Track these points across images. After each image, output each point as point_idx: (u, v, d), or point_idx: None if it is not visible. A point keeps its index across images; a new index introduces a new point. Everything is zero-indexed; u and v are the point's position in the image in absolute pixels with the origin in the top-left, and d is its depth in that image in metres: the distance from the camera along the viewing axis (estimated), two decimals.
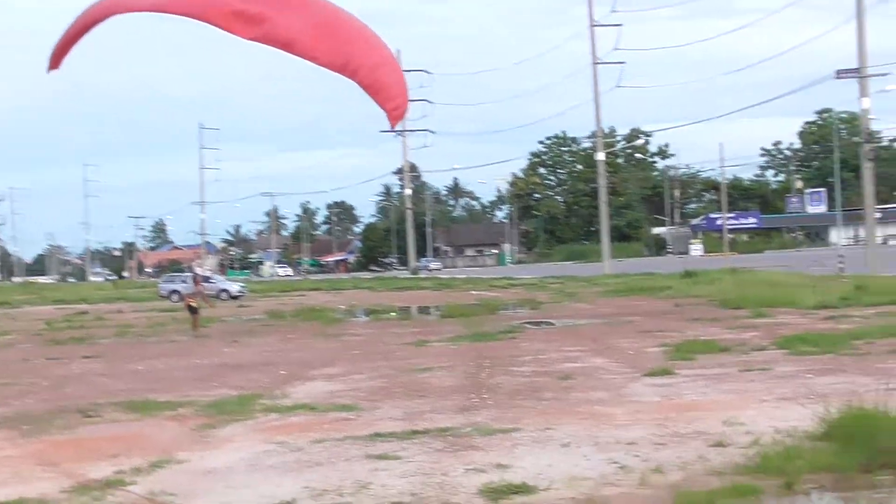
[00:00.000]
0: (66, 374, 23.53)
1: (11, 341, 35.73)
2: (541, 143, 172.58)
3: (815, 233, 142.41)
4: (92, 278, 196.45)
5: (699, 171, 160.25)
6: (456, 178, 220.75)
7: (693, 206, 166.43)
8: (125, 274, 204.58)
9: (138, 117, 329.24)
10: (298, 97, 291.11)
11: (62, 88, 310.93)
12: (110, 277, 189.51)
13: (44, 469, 12.49)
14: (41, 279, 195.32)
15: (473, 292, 59.13)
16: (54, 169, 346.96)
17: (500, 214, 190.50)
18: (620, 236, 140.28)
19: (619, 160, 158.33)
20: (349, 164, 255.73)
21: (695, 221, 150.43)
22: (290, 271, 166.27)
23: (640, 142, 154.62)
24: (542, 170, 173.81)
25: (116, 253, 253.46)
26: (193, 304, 36.10)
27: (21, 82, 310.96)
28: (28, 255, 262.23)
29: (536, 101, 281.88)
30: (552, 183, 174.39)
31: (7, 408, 17.88)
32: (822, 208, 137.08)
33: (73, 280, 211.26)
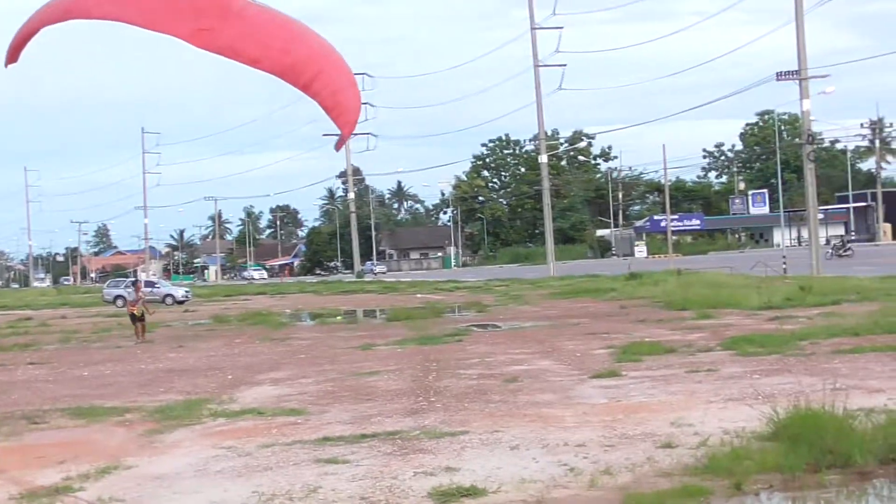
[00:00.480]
0: (11, 381, 23.29)
1: None
2: (483, 145, 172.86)
3: (759, 234, 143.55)
4: (35, 284, 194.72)
5: (642, 173, 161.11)
6: (399, 182, 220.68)
7: (637, 208, 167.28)
8: (67, 280, 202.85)
9: (79, 121, 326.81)
10: (240, 99, 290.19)
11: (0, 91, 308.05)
12: (65, 282, 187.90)
13: None
14: None
15: (419, 295, 59.13)
16: None
17: (445, 218, 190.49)
18: (565, 238, 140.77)
19: (563, 163, 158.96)
20: (292, 167, 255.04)
21: (638, 223, 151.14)
22: (265, 275, 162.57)
23: (582, 144, 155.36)
24: (485, 172, 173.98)
25: (60, 258, 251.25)
26: (136, 312, 35.02)
27: None
28: None
29: (478, 104, 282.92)
30: (496, 186, 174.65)
31: None
32: (764, 209, 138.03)
33: (16, 286, 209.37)
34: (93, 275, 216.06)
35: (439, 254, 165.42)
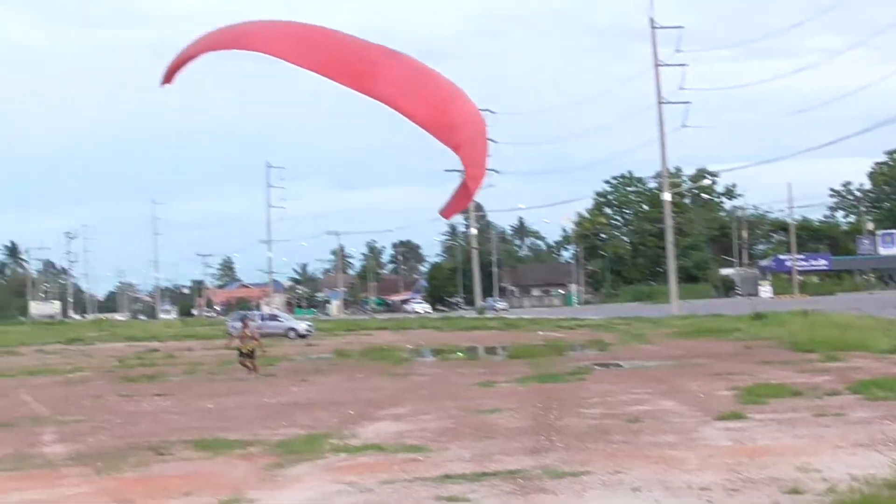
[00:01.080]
0: (137, 411, 23.69)
1: (85, 377, 36.07)
2: (606, 182, 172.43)
3: (888, 275, 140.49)
4: (161, 315, 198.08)
5: (767, 212, 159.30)
6: (521, 218, 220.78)
7: (761, 246, 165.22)
8: (193, 311, 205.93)
9: (204, 154, 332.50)
10: (363, 134, 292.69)
11: (129, 124, 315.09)
12: (206, 314, 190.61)
13: None
14: (113, 316, 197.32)
15: (540, 333, 58.93)
16: (123, 206, 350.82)
17: (566, 254, 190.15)
18: (688, 277, 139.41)
19: (686, 200, 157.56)
20: (414, 202, 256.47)
21: (763, 263, 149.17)
22: (428, 308, 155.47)
23: (706, 182, 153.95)
24: (607, 209, 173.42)
25: (185, 290, 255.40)
26: (242, 348, 34.06)
27: (89, 116, 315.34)
28: (100, 292, 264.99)
29: (600, 140, 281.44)
30: (618, 223, 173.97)
31: (81, 444, 18.02)
32: (894, 250, 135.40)
33: (143, 317, 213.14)
34: (217, 307, 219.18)
35: (560, 291, 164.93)
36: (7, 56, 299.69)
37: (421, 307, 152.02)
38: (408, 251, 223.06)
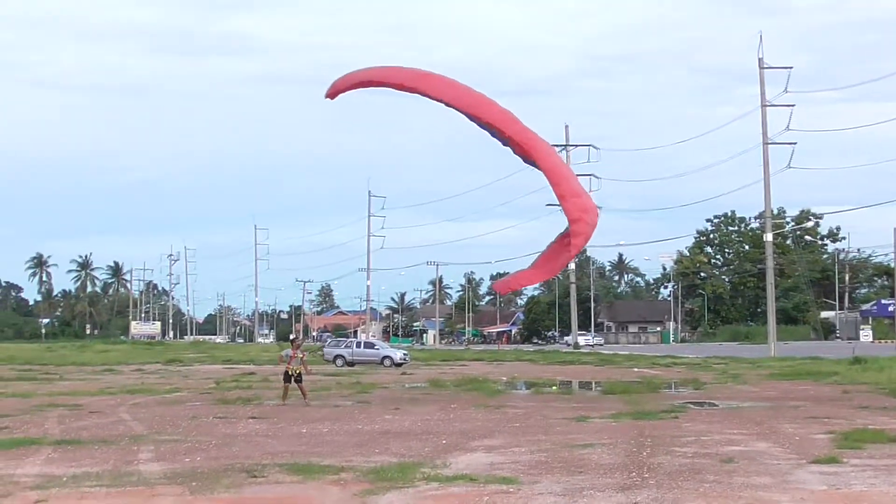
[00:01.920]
0: (232, 434, 23.93)
1: (182, 398, 36.51)
2: (708, 221, 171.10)
3: None
4: (259, 339, 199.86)
5: (871, 256, 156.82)
6: (620, 254, 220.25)
7: (863, 291, 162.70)
8: (292, 336, 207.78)
9: (306, 182, 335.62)
10: (464, 166, 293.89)
11: (234, 151, 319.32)
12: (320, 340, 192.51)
13: None
14: (211, 338, 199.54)
15: (635, 369, 58.57)
16: (225, 231, 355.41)
17: (665, 292, 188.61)
18: (787, 319, 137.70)
19: (788, 241, 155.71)
20: (513, 235, 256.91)
21: (865, 307, 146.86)
22: (590, 340, 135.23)
23: (809, 224, 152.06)
24: (708, 248, 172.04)
25: (283, 315, 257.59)
26: (290, 371, 33.41)
27: (196, 142, 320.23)
28: (199, 315, 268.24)
29: (702, 179, 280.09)
30: (718, 262, 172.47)
31: (177, 464, 18.25)
32: None
33: (241, 340, 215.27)
34: (314, 333, 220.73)
35: (658, 328, 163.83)
36: (117, 83, 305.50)
37: (584, 340, 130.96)
38: None
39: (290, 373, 33.52)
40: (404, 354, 72.12)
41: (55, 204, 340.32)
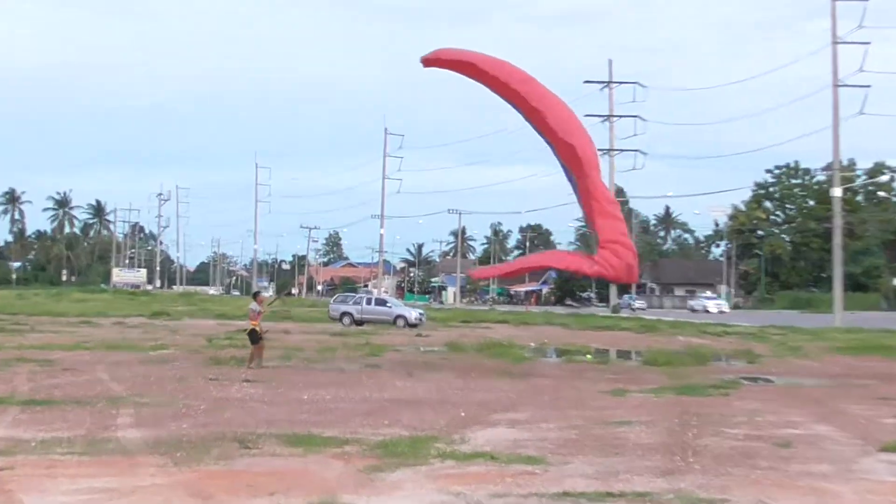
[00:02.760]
0: (225, 398, 23.99)
1: (169, 356, 36.61)
2: (768, 172, 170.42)
3: None
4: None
5: None
6: (667, 207, 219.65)
7: None
8: (293, 291, 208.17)
9: (313, 118, 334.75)
10: (492, 105, 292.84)
11: (238, 78, 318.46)
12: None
13: (195, 502, 12.73)
14: (204, 290, 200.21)
15: (681, 338, 58.49)
16: (223, 169, 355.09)
17: (716, 251, 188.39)
18: (855, 285, 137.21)
19: (858, 198, 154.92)
20: (546, 182, 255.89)
21: None
22: (724, 306, 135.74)
23: (884, 178, 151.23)
24: (767, 203, 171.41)
25: (286, 266, 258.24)
26: (258, 328, 33.39)
27: (196, 65, 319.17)
28: (191, 263, 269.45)
29: (762, 125, 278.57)
30: (778, 219, 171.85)
31: (161, 430, 18.30)
32: None
33: (237, 293, 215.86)
34: (319, 287, 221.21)
35: (707, 292, 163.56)
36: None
37: (715, 305, 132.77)
38: (537, 237, 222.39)
39: (257, 330, 33.45)
40: (420, 314, 72.24)
41: (30, 131, 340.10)
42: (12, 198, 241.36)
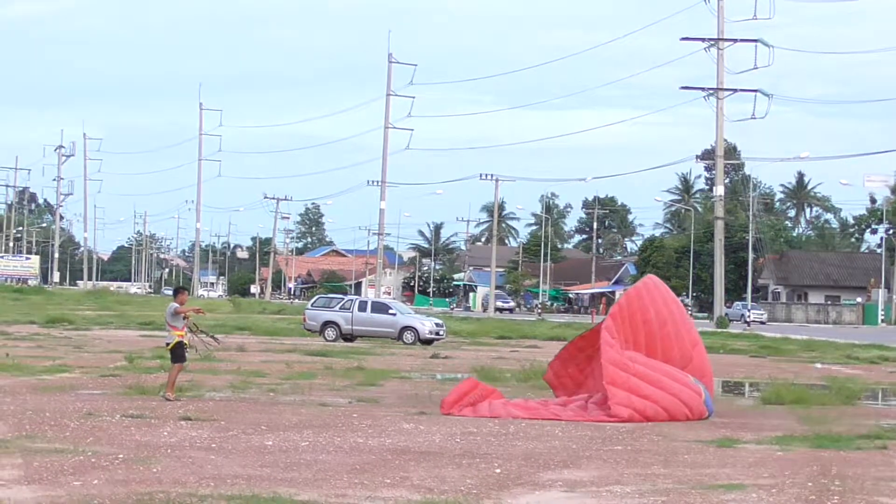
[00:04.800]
0: (153, 443, 24.08)
1: (72, 382, 36.72)
2: None
3: None
4: (201, 292, 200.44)
5: None
6: (801, 174, 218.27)
7: None
8: (253, 290, 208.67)
9: (285, 37, 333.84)
10: (540, 19, 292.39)
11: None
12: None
13: None
14: (123, 287, 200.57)
15: (818, 365, 58.56)
16: (152, 112, 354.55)
17: (872, 240, 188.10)
18: None
19: None
20: (622, 132, 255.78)
21: None
22: (762, 314, 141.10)
23: None
24: None
25: (242, 254, 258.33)
26: (186, 340, 33.74)
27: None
28: (105, 248, 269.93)
29: None
30: None
31: (59, 489, 18.36)
32: None
33: (170, 292, 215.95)
34: (290, 285, 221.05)
35: (858, 298, 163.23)
36: None
37: (755, 315, 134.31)
38: (607, 213, 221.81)
39: (185, 343, 33.61)
40: (437, 325, 72.04)
41: None
42: None
